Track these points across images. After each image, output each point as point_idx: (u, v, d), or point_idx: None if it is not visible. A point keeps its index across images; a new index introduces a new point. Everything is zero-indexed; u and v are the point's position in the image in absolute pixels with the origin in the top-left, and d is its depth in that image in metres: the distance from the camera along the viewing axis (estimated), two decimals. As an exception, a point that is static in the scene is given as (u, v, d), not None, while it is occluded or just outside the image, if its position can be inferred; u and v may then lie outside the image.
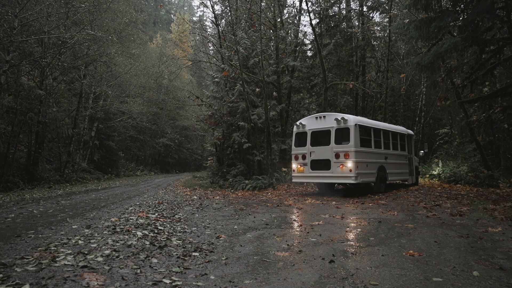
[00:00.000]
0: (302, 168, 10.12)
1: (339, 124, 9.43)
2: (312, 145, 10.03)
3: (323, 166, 9.63)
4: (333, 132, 9.53)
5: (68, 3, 14.52)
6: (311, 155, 9.96)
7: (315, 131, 10.07)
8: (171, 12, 65.75)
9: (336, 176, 9.36)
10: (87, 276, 2.91)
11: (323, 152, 9.65)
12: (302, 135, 10.37)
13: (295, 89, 19.79)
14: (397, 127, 12.21)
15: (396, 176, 11.29)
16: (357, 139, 9.19)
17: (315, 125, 10.09)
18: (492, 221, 5.55)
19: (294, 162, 10.40)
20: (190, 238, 4.58)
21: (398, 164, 11.38)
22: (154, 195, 11.18)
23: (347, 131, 9.29)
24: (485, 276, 2.96)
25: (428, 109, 22.25)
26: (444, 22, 8.19)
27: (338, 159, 9.26)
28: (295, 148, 10.52)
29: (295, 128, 10.63)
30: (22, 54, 13.99)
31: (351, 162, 9.01)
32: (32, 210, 7.34)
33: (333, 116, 9.73)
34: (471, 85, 10.30)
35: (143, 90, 29.61)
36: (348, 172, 9.03)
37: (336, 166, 9.28)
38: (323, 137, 9.83)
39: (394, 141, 11.28)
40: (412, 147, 12.64)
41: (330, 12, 21.42)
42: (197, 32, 23.06)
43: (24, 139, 16.26)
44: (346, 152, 9.13)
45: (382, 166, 10.22)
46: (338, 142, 9.42)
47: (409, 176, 12.14)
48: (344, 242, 4.27)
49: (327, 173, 9.52)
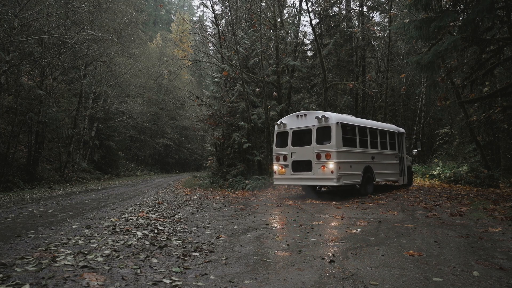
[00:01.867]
0: (284, 169, 9.60)
1: (320, 122, 8.91)
2: (293, 146, 9.50)
3: (305, 168, 9.11)
4: (314, 131, 9.03)
5: (68, 3, 14.52)
6: (293, 156, 9.43)
7: (296, 131, 9.54)
8: (171, 12, 65.76)
9: (318, 178, 8.83)
10: (87, 276, 2.91)
11: (305, 152, 9.14)
12: (283, 135, 9.85)
13: (295, 89, 19.78)
14: (386, 125, 11.61)
15: (385, 177, 10.75)
16: (339, 138, 8.68)
17: (296, 124, 9.55)
18: (492, 221, 5.55)
19: (275, 164, 9.87)
20: (190, 238, 4.58)
21: (387, 164, 10.82)
22: (154, 195, 11.18)
23: (328, 130, 8.76)
24: (485, 276, 2.96)
25: (428, 109, 22.25)
26: (444, 22, 8.18)
27: (319, 160, 8.74)
28: (276, 148, 9.99)
29: (276, 128, 10.10)
30: (22, 54, 13.99)
31: (332, 163, 8.49)
32: (32, 210, 7.34)
33: (314, 114, 9.17)
34: (471, 85, 10.31)
35: (143, 90, 29.62)
36: (330, 174, 8.52)
37: (318, 168, 8.75)
38: (304, 137, 9.31)
39: (383, 140, 10.72)
40: (404, 146, 12.11)
41: (330, 12, 21.42)
42: (197, 32, 23.06)
43: (24, 139, 16.26)
44: (328, 152, 8.61)
45: (368, 166, 9.68)
46: (319, 142, 8.91)
47: (400, 176, 11.57)
48: (344, 242, 4.27)
49: (308, 175, 8.99)
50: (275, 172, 9.85)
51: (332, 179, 8.49)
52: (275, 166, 9.84)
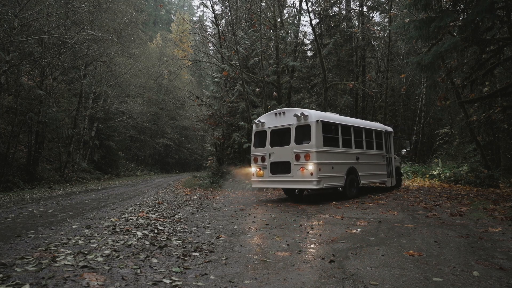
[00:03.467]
0: (262, 171, 8.97)
1: (299, 120, 8.34)
2: (271, 146, 8.90)
3: (283, 170, 8.50)
4: (293, 130, 8.44)
5: (68, 3, 14.53)
6: (271, 157, 8.82)
7: (275, 130, 8.95)
8: (171, 12, 65.78)
9: (297, 181, 8.21)
10: (87, 276, 2.91)
11: (283, 153, 8.53)
12: (262, 134, 9.26)
13: (295, 89, 19.78)
14: (372, 124, 11.01)
15: (370, 179, 10.10)
16: (319, 138, 8.09)
17: (275, 122, 8.95)
18: (492, 221, 5.55)
19: (253, 165, 9.26)
20: (190, 238, 4.59)
21: (373, 165, 10.24)
22: (154, 195, 11.18)
23: (307, 129, 8.16)
24: (485, 276, 2.96)
25: (428, 109, 22.25)
26: (444, 22, 8.18)
27: (298, 161, 8.16)
28: (254, 149, 9.39)
29: (254, 127, 9.53)
30: (22, 54, 14.00)
31: (312, 164, 7.89)
32: (32, 210, 7.34)
33: (293, 111, 8.60)
34: (471, 85, 10.30)
35: (143, 90, 29.64)
36: (309, 176, 7.90)
37: (297, 169, 8.15)
38: (283, 136, 8.71)
39: (369, 139, 10.14)
40: (391, 146, 11.49)
41: (330, 12, 21.43)
42: (197, 32, 23.07)
43: (24, 139, 16.27)
44: (307, 152, 8.01)
45: (352, 168, 9.08)
46: (298, 142, 8.33)
47: (388, 178, 10.94)
48: (344, 242, 4.27)
49: (287, 177, 8.39)
50: (253, 174, 9.29)
51: (311, 182, 7.90)
52: (253, 168, 9.28)
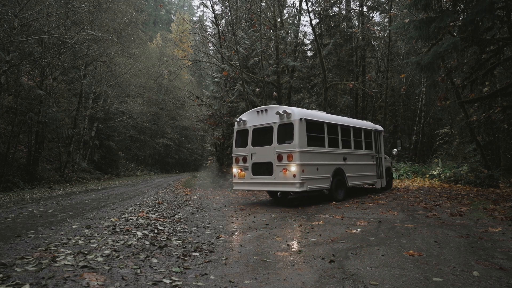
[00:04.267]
0: (243, 173, 8.51)
1: (281, 119, 7.87)
2: (253, 146, 8.41)
3: (265, 171, 8.03)
4: (276, 129, 7.96)
5: (68, 3, 14.53)
6: (253, 158, 8.35)
7: (257, 128, 8.46)
8: (171, 12, 65.81)
9: (279, 183, 7.73)
10: (87, 276, 2.91)
11: (265, 153, 8.05)
12: (243, 134, 8.77)
13: (295, 89, 19.79)
14: (361, 122, 10.56)
15: (359, 180, 9.60)
16: (303, 137, 7.65)
17: (257, 121, 8.47)
18: (492, 221, 5.55)
19: (235, 166, 8.81)
20: (190, 238, 4.59)
21: (361, 165, 9.78)
22: (154, 195, 11.18)
23: (290, 128, 7.70)
24: (485, 276, 2.96)
25: (428, 109, 22.26)
26: (444, 22, 8.18)
27: (280, 161, 7.68)
28: (235, 149, 8.93)
29: (236, 125, 9.07)
30: (22, 54, 14.00)
31: (295, 165, 7.44)
32: (32, 210, 7.34)
33: (275, 109, 8.11)
34: (471, 85, 10.30)
35: (143, 90, 29.65)
36: (292, 178, 7.43)
37: (279, 171, 7.70)
38: (265, 136, 8.21)
39: (357, 139, 9.70)
40: (382, 145, 11.05)
41: (330, 12, 21.45)
42: (197, 32, 23.07)
43: (24, 139, 16.27)
44: (290, 153, 7.56)
45: (339, 169, 8.63)
46: (281, 141, 7.86)
47: (378, 179, 10.51)
48: (344, 242, 4.27)
49: (269, 179, 7.92)
50: (234, 176, 8.86)
51: (294, 184, 7.43)
52: (234, 169, 8.83)
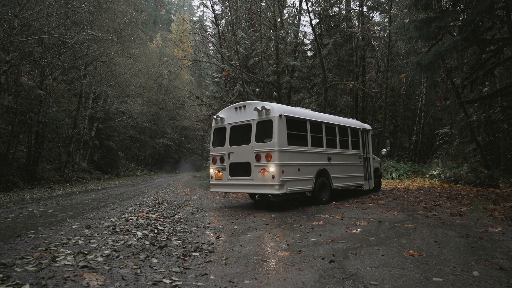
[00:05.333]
0: (220, 174, 8.01)
1: (260, 115, 7.38)
2: (231, 144, 7.90)
3: (243, 172, 7.53)
4: (254, 127, 7.46)
5: (68, 3, 14.54)
6: (230, 157, 7.83)
7: (235, 126, 7.95)
8: (171, 12, 65.83)
9: (257, 185, 7.23)
10: (87, 276, 2.91)
11: (243, 152, 7.55)
12: (221, 132, 8.26)
13: (295, 89, 19.80)
14: (348, 120, 10.06)
15: (345, 182, 9.15)
16: (283, 135, 7.16)
17: (235, 118, 7.96)
18: (492, 221, 5.55)
19: (212, 167, 8.29)
20: (190, 238, 4.59)
21: (347, 166, 9.31)
22: (154, 195, 11.18)
23: (269, 125, 7.20)
24: (485, 276, 2.96)
25: (428, 109, 22.25)
26: (444, 22, 8.19)
27: (259, 161, 7.20)
28: (213, 148, 8.39)
29: (213, 123, 8.53)
30: (22, 54, 14.00)
31: (273, 165, 6.94)
32: (32, 210, 7.34)
33: (254, 105, 7.61)
34: (471, 85, 10.30)
35: (143, 90, 29.66)
36: (270, 179, 6.94)
37: (257, 172, 7.20)
38: (243, 134, 7.71)
39: (343, 138, 9.23)
40: (369, 145, 10.59)
41: (330, 12, 21.45)
42: (197, 32, 23.07)
43: (24, 139, 16.27)
44: (268, 152, 7.06)
45: (323, 169, 8.16)
46: (259, 140, 7.35)
47: (365, 180, 10.09)
48: (344, 242, 4.27)
49: (247, 180, 7.41)
50: (211, 177, 8.35)
51: (272, 186, 6.93)
52: (211, 170, 8.31)
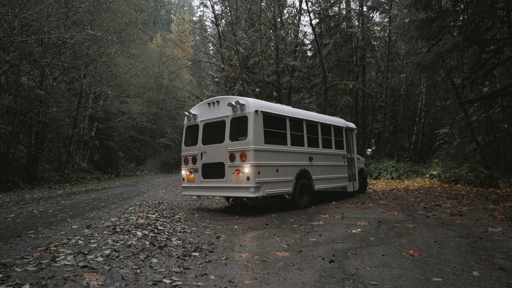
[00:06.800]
0: (193, 175, 7.44)
1: (235, 111, 6.80)
2: (204, 143, 7.34)
3: (217, 173, 6.95)
4: (228, 124, 6.90)
5: (68, 3, 14.54)
6: (203, 157, 7.26)
7: (208, 123, 7.39)
8: (171, 12, 65.83)
9: (231, 187, 6.66)
10: (87, 276, 2.91)
11: (217, 152, 6.99)
12: (193, 130, 7.69)
13: (295, 89, 19.81)
14: (330, 118, 9.45)
15: (327, 183, 8.54)
16: (259, 133, 6.59)
17: (208, 114, 7.39)
18: (492, 221, 5.55)
19: (184, 168, 7.69)
20: (190, 238, 4.59)
21: (330, 167, 8.76)
22: (154, 195, 11.18)
23: (244, 121, 6.63)
24: (485, 276, 2.96)
25: (428, 109, 22.26)
26: (445, 22, 8.19)
27: (233, 162, 6.63)
28: (184, 147, 7.79)
29: (186, 120, 7.95)
30: (22, 54, 14.00)
31: (249, 166, 6.37)
32: (32, 210, 7.34)
33: (227, 100, 7.02)
34: (471, 85, 10.30)
35: (143, 90, 29.67)
36: (245, 181, 6.37)
37: (231, 173, 6.63)
38: (217, 132, 7.15)
39: (326, 136, 8.70)
40: (354, 145, 10.08)
41: (330, 12, 21.48)
42: (197, 32, 23.08)
43: (24, 139, 16.27)
44: (243, 151, 6.50)
45: (304, 170, 7.59)
46: (234, 138, 6.79)
47: (349, 181, 9.54)
48: (344, 242, 4.27)
49: (220, 182, 6.84)
50: (183, 179, 7.74)
51: (247, 189, 6.35)
52: (183, 171, 7.74)
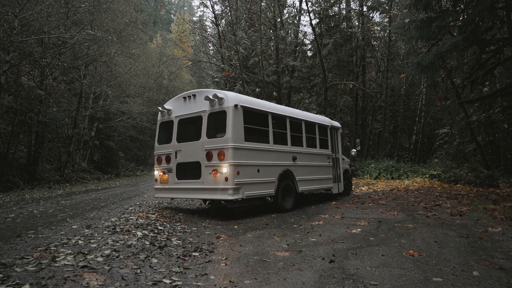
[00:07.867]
0: (166, 176, 6.88)
1: (212, 105, 6.24)
2: (179, 141, 6.77)
3: (192, 173, 6.40)
4: (205, 119, 6.34)
5: (68, 3, 14.54)
6: (177, 156, 6.69)
7: (183, 119, 6.81)
8: (171, 12, 65.82)
9: (207, 189, 6.13)
10: (87, 276, 2.91)
11: (192, 150, 6.42)
12: (168, 126, 7.10)
13: (295, 89, 19.81)
14: (315, 116, 9.03)
15: (312, 185, 8.08)
16: (239, 129, 6.04)
17: (184, 109, 6.79)
18: (492, 221, 5.55)
19: (157, 167, 7.14)
20: (190, 238, 4.58)
21: (315, 167, 8.30)
22: (154, 195, 11.17)
23: (223, 117, 6.06)
24: (485, 276, 2.96)
25: (428, 109, 22.26)
26: (445, 22, 8.19)
27: (210, 161, 6.08)
28: (158, 146, 7.22)
29: (159, 116, 7.32)
30: (22, 54, 14.00)
31: (227, 165, 5.84)
32: (32, 210, 7.34)
33: (204, 93, 6.42)
34: (471, 85, 10.31)
35: (143, 90, 29.66)
36: (223, 182, 5.84)
37: (208, 173, 6.10)
38: (193, 128, 6.63)
39: (310, 135, 8.28)
40: (339, 144, 9.71)
41: (330, 12, 21.47)
42: (197, 32, 23.08)
43: (24, 139, 16.27)
44: (221, 149, 5.94)
45: (288, 171, 7.10)
46: (211, 135, 6.25)
47: (334, 183, 9.16)
48: (344, 242, 4.27)
49: (196, 183, 6.29)
50: (156, 180, 7.19)
51: (225, 190, 5.83)
52: (156, 171, 7.18)
